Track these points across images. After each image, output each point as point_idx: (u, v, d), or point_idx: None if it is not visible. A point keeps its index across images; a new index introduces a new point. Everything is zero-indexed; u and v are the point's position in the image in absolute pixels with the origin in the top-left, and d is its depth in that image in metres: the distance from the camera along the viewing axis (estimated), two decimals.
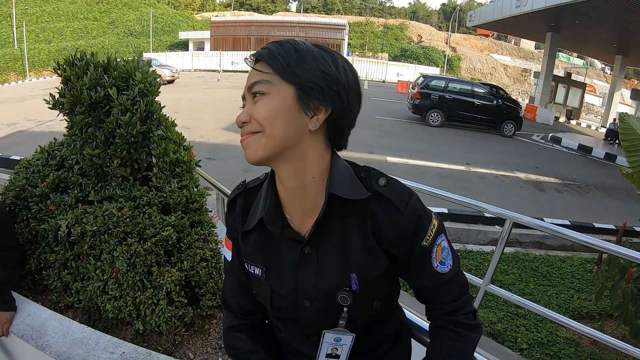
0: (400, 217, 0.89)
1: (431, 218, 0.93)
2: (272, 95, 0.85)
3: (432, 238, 0.92)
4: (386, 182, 0.91)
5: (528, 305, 2.91)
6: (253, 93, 0.86)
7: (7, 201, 2.27)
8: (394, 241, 0.91)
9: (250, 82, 0.87)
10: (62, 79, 2.23)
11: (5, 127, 13.08)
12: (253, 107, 0.86)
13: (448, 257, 0.96)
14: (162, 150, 2.10)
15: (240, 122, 0.87)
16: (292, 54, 0.85)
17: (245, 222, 1.02)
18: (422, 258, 0.93)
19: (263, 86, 0.85)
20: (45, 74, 34.92)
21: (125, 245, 1.87)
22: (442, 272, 0.94)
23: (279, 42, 0.89)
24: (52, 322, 1.88)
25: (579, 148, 15.39)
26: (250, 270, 1.02)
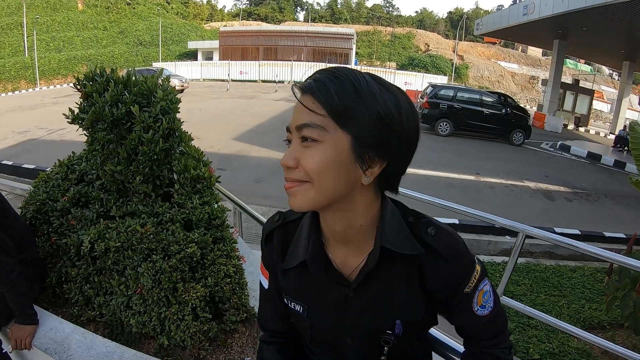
0: (447, 267, 0.89)
1: (474, 264, 0.92)
2: (326, 144, 0.77)
3: (474, 285, 0.92)
4: (435, 232, 0.89)
5: (540, 316, 2.95)
6: (303, 137, 0.79)
7: (28, 215, 2.30)
8: (439, 288, 0.92)
9: (299, 122, 0.79)
10: (83, 94, 2.24)
11: (16, 134, 13.30)
12: (302, 153, 0.79)
13: (489, 300, 0.96)
14: (182, 166, 2.14)
15: (285, 165, 0.80)
16: (351, 95, 0.76)
17: (284, 259, 1.00)
18: (463, 303, 0.93)
19: (316, 132, 0.77)
20: (56, 82, 35.50)
21: (150, 261, 1.92)
22: (482, 315, 0.95)
23: (334, 72, 0.79)
24: (75, 336, 1.91)
25: (588, 156, 15.34)
26: (290, 306, 1.02)
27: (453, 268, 0.89)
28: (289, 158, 0.80)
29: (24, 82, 34.53)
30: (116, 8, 48.08)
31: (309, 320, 0.99)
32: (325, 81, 0.78)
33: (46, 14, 41.29)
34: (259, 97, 25.26)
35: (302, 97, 0.80)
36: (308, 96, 0.78)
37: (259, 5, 74.24)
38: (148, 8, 50.26)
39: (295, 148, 0.80)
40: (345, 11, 71.10)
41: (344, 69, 0.80)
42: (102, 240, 2.00)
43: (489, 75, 46.61)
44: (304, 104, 0.78)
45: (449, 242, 0.89)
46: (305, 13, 73.73)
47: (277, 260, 1.02)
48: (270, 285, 1.08)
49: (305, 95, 0.79)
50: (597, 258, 2.61)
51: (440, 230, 0.89)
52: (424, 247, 0.88)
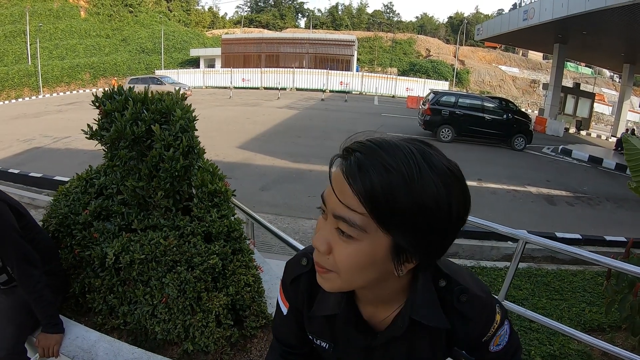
0: (475, 328, 0.92)
1: (495, 315, 0.94)
2: (363, 244, 0.72)
3: (493, 333, 0.95)
4: (466, 299, 0.89)
5: (541, 320, 3.06)
6: (338, 227, 0.73)
7: (51, 228, 2.41)
8: (463, 342, 0.95)
9: (337, 213, 0.72)
10: (102, 112, 2.34)
11: (21, 142, 13.38)
12: (336, 242, 0.74)
13: (504, 339, 0.99)
14: (200, 181, 2.27)
15: (317, 249, 0.76)
16: (401, 193, 0.67)
17: (311, 305, 1.00)
18: (480, 345, 0.96)
19: (353, 231, 0.71)
20: (59, 90, 35.71)
21: (175, 272, 2.05)
22: (495, 351, 0.98)
23: (384, 160, 0.68)
24: (102, 344, 2.01)
25: (589, 159, 15.39)
26: (315, 342, 1.04)
27: (480, 327, 0.93)
28: (322, 242, 0.75)
29: (27, 90, 34.76)
30: (119, 16, 48.37)
31: (335, 355, 1.03)
32: (371, 172, 0.68)
33: (49, 22, 41.56)
34: (261, 104, 25.37)
35: (342, 179, 0.71)
36: (347, 186, 0.70)
37: (260, 12, 74.61)
38: (150, 16, 50.56)
39: (329, 232, 0.75)
40: (346, 17, 71.36)
41: (394, 147, 0.71)
42: (127, 252, 2.12)
43: (490, 80, 46.70)
44: (339, 198, 0.71)
45: (479, 308, 0.91)
46: (306, 20, 74.01)
47: (301, 301, 1.02)
48: (289, 314, 1.08)
49: (345, 181, 0.70)
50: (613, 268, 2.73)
51: (471, 296, 0.90)
52: (457, 314, 0.89)
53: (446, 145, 15.49)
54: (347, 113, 22.30)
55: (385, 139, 0.75)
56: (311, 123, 18.00)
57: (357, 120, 19.74)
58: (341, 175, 0.71)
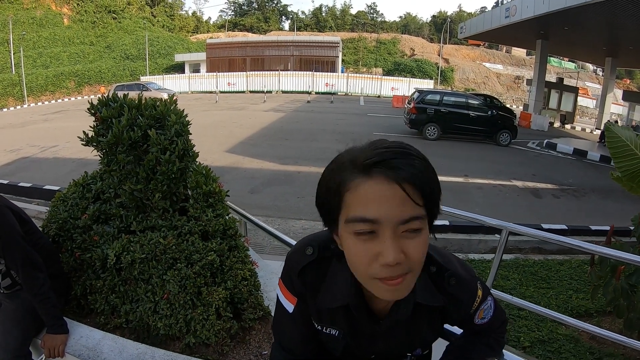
0: (463, 305, 1.07)
1: (477, 291, 1.08)
2: (425, 231, 0.81)
3: (477, 307, 1.09)
4: (456, 282, 1.02)
5: (528, 306, 3.14)
6: (409, 229, 0.79)
7: (51, 232, 2.46)
8: (454, 319, 1.12)
9: (406, 216, 0.78)
10: (98, 119, 2.40)
11: (8, 153, 13.27)
12: (405, 245, 0.79)
13: (488, 313, 1.13)
14: (195, 182, 2.37)
15: (395, 262, 0.78)
16: (433, 173, 0.81)
17: (317, 295, 1.05)
18: (467, 319, 1.12)
19: (419, 223, 0.79)
20: (44, 99, 35.35)
21: (175, 269, 2.14)
22: (481, 324, 1.14)
23: (418, 153, 0.81)
24: (106, 342, 2.08)
25: (574, 152, 15.66)
26: (324, 331, 1.09)
27: (467, 304, 1.07)
28: (398, 253, 0.78)
29: (11, 100, 34.41)
30: (102, 22, 48.07)
31: (343, 342, 1.09)
32: (422, 169, 0.79)
33: (32, 30, 41.27)
34: (247, 108, 25.43)
35: (399, 186, 0.77)
36: (409, 185, 0.77)
37: (244, 15, 74.48)
38: (134, 22, 50.27)
39: (395, 241, 0.78)
40: (330, 19, 71.51)
41: (405, 144, 0.82)
42: (128, 252, 2.20)
43: (474, 77, 47.14)
44: (410, 194, 0.77)
45: (466, 289, 1.04)
46: (290, 22, 74.17)
47: (310, 292, 1.06)
48: (295, 311, 1.09)
49: (404, 184, 0.77)
50: (583, 251, 2.82)
51: (459, 279, 1.02)
52: (448, 295, 1.02)
53: (432, 143, 15.67)
54: (333, 114, 22.43)
55: (393, 141, 0.85)
56: (297, 125, 18.08)
57: (343, 121, 19.89)
58: (392, 184, 0.76)
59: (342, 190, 0.81)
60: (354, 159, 0.81)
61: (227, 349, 2.15)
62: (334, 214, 0.85)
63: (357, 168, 0.79)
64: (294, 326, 1.12)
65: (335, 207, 0.84)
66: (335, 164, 0.86)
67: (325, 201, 0.86)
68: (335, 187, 0.82)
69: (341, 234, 0.85)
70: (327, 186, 0.85)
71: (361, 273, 0.83)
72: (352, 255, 0.83)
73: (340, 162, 0.84)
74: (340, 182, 0.81)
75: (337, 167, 0.84)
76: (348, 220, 0.80)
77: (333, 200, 0.83)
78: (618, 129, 4.45)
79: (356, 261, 0.82)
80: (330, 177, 0.85)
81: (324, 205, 0.87)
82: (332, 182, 0.84)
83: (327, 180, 0.85)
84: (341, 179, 0.81)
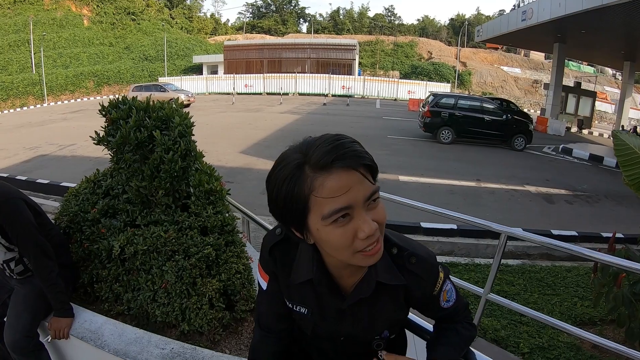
0: (425, 283, 1.12)
1: (439, 272, 1.14)
2: (379, 198, 0.93)
3: (440, 287, 1.15)
4: (415, 261, 1.09)
5: (529, 312, 3.12)
6: (372, 200, 0.90)
7: (63, 224, 2.65)
8: (418, 298, 1.16)
9: (369, 193, 0.89)
10: (108, 120, 2.57)
11: (27, 150, 13.60)
12: (374, 213, 0.91)
13: (452, 294, 1.20)
14: (197, 181, 2.50)
15: (374, 230, 0.89)
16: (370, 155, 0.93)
17: (287, 272, 1.14)
18: (432, 301, 1.17)
19: (377, 194, 0.91)
20: (64, 98, 35.96)
21: (174, 261, 2.28)
22: (447, 307, 1.20)
23: (349, 137, 0.91)
24: (107, 326, 2.23)
25: (590, 158, 15.47)
26: (294, 309, 1.18)
27: (429, 283, 1.12)
28: (372, 223, 0.90)
29: (32, 98, 35.16)
30: (121, 24, 48.78)
31: (312, 320, 1.17)
32: (364, 152, 0.91)
33: (52, 31, 41.94)
34: (264, 110, 25.61)
35: (355, 171, 0.88)
36: (362, 168, 0.89)
37: (262, 18, 74.96)
38: (153, 23, 50.95)
39: (366, 216, 0.90)
40: (347, 21, 71.62)
41: (342, 134, 0.93)
42: (131, 244, 2.36)
43: (492, 81, 46.75)
44: (365, 175, 0.89)
45: (426, 267, 1.10)
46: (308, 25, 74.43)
47: (278, 270, 1.16)
48: (268, 288, 1.21)
49: (359, 169, 0.88)
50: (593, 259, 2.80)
51: (419, 258, 1.09)
52: (409, 274, 1.09)
53: (446, 146, 15.67)
54: (349, 117, 22.53)
55: (325, 135, 0.94)
56: (313, 128, 18.17)
57: (358, 124, 19.95)
58: (350, 171, 0.87)
59: (306, 193, 0.88)
60: (308, 162, 0.89)
61: (218, 337, 2.29)
62: (301, 216, 0.91)
63: (316, 168, 0.87)
64: (269, 304, 1.23)
65: (301, 210, 0.90)
66: (284, 173, 0.90)
67: (286, 209, 0.92)
68: (297, 193, 0.88)
69: (315, 229, 0.92)
70: (285, 195, 0.90)
71: (346, 252, 0.92)
72: (334, 241, 0.90)
73: (290, 170, 0.90)
74: (301, 187, 0.88)
75: (290, 175, 0.89)
76: (325, 217, 0.87)
77: (297, 205, 0.89)
78: (626, 136, 4.44)
79: (340, 244, 0.90)
80: (285, 186, 0.90)
81: (286, 213, 0.93)
82: (290, 190, 0.89)
83: (283, 189, 0.90)
84: (302, 184, 0.88)
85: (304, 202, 0.89)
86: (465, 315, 1.27)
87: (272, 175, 0.94)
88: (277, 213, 0.96)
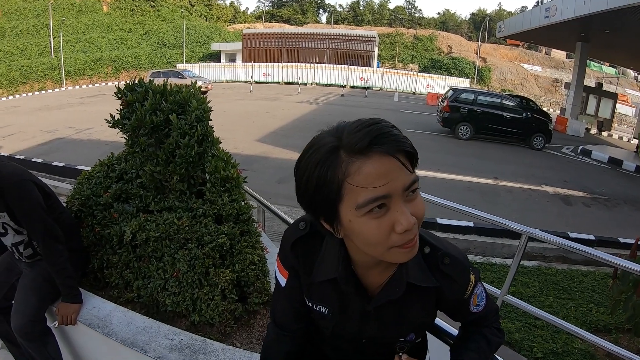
0: (458, 287, 1.04)
1: (470, 275, 1.06)
2: (418, 190, 0.86)
3: (470, 291, 1.07)
4: (449, 262, 1.01)
5: (544, 316, 3.03)
6: (411, 191, 0.83)
7: (74, 208, 2.58)
8: (449, 302, 1.08)
9: (408, 182, 0.82)
10: (124, 102, 2.51)
11: (45, 133, 13.75)
12: (412, 206, 0.84)
13: (482, 299, 1.12)
14: (214, 167, 2.43)
15: (412, 225, 0.82)
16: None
17: (308, 269, 1.08)
18: (463, 305, 1.09)
19: (416, 184, 0.84)
20: (82, 82, 36.34)
21: (186, 249, 2.22)
22: (477, 312, 1.12)
23: (396, 130, 0.84)
24: (116, 314, 2.17)
25: (609, 161, 15.14)
26: (314, 308, 1.11)
27: (461, 286, 1.05)
28: (411, 217, 0.82)
29: (50, 82, 35.63)
30: (140, 10, 49.09)
31: (332, 321, 1.10)
32: (404, 137, 0.83)
33: (72, 16, 42.49)
34: (281, 99, 25.54)
35: (394, 158, 0.80)
36: (401, 155, 0.81)
37: (281, 7, 74.80)
38: (172, 10, 51.17)
39: (404, 208, 0.82)
40: (367, 13, 71.19)
41: (381, 118, 0.86)
42: (143, 231, 2.29)
43: (511, 78, 46.16)
44: (404, 163, 0.81)
45: (459, 268, 1.03)
46: (327, 15, 74.09)
47: (300, 266, 1.10)
48: (287, 284, 1.14)
49: (398, 155, 0.81)
50: (614, 265, 2.69)
51: (452, 259, 1.02)
52: (442, 275, 1.02)
53: (464, 142, 15.47)
54: (366, 109, 22.30)
55: (365, 118, 0.86)
56: (330, 118, 17.97)
57: (376, 116, 19.40)
58: (389, 158, 0.79)
59: (340, 179, 0.80)
60: (343, 145, 0.81)
61: (229, 329, 2.23)
62: (333, 204, 0.84)
63: (352, 152, 0.80)
64: (287, 301, 1.17)
65: (334, 198, 0.82)
66: (316, 157, 0.83)
67: (317, 197, 0.85)
68: (330, 178, 0.81)
69: (347, 220, 0.84)
70: (317, 181, 0.83)
71: (380, 247, 0.84)
72: (369, 235, 0.83)
73: (323, 154, 0.82)
74: (334, 172, 0.80)
75: (324, 160, 0.82)
76: (360, 205, 0.80)
77: (330, 192, 0.82)
78: None
79: (375, 238, 0.83)
80: (318, 171, 0.82)
81: (316, 201, 0.86)
82: (322, 175, 0.82)
83: (315, 175, 0.83)
84: (335, 169, 0.80)
85: (337, 188, 0.81)
86: (494, 320, 1.20)
87: (302, 160, 0.87)
88: (306, 201, 0.89)
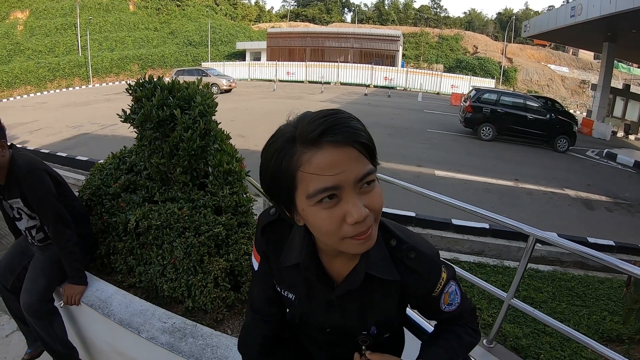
0: (424, 282, 1.02)
1: (441, 273, 1.05)
2: (376, 182, 0.85)
3: (440, 289, 1.05)
4: (414, 256, 0.99)
5: (551, 322, 2.92)
6: (365, 182, 0.82)
7: (85, 197, 2.78)
8: (414, 297, 1.07)
9: (362, 173, 0.81)
10: (134, 98, 2.65)
11: (70, 128, 14.13)
12: (367, 198, 0.83)
13: (455, 298, 1.09)
14: (217, 161, 2.56)
15: (364, 217, 0.81)
16: (371, 136, 0.85)
17: (278, 254, 1.09)
18: (432, 303, 1.07)
19: (372, 176, 0.83)
20: (108, 80, 37.10)
21: (184, 237, 2.34)
22: (449, 311, 1.10)
23: (349, 114, 0.83)
24: (117, 296, 2.33)
25: (635, 165, 14.67)
26: (283, 293, 1.13)
27: (428, 281, 1.02)
28: (363, 209, 0.81)
29: (77, 80, 36.48)
30: (166, 9, 49.88)
31: (299, 307, 1.12)
32: (361, 128, 0.82)
33: (99, 15, 43.41)
34: (305, 97, 25.64)
35: (349, 147, 0.80)
36: (357, 144, 0.81)
37: (306, 6, 75.02)
38: (197, 9, 51.82)
39: (358, 199, 0.81)
40: (392, 12, 70.85)
41: (339, 109, 0.85)
42: (146, 219, 2.43)
43: (538, 79, 45.38)
44: (360, 152, 0.81)
45: (426, 263, 1.01)
46: (352, 14, 74.01)
47: (270, 251, 1.11)
48: (259, 269, 1.16)
49: (353, 144, 0.80)
50: (626, 272, 2.59)
51: (419, 253, 1.00)
52: (406, 269, 0.99)
53: (486, 143, 15.30)
54: (389, 109, 22.25)
55: (323, 109, 0.85)
56: None
57: (399, 116, 19.67)
58: (342, 147, 0.79)
59: (293, 168, 0.81)
60: (297, 136, 0.82)
61: (221, 316, 2.32)
62: (288, 193, 0.85)
63: (305, 143, 0.80)
64: (260, 286, 1.19)
65: (288, 187, 0.84)
66: (274, 147, 0.85)
67: (274, 184, 0.86)
68: (285, 168, 0.82)
69: (301, 209, 0.85)
70: (273, 170, 0.85)
71: (332, 237, 0.85)
72: (320, 225, 0.83)
73: (280, 144, 0.84)
74: (289, 162, 0.82)
75: (280, 149, 0.83)
76: (309, 195, 0.80)
77: (284, 181, 0.83)
78: None
79: (326, 228, 0.83)
80: (274, 160, 0.84)
81: (274, 188, 0.87)
82: (278, 164, 0.83)
83: (272, 164, 0.85)
84: (289, 159, 0.82)
85: (292, 178, 0.82)
86: (470, 320, 1.18)
87: (264, 149, 0.88)
88: (266, 190, 0.90)
